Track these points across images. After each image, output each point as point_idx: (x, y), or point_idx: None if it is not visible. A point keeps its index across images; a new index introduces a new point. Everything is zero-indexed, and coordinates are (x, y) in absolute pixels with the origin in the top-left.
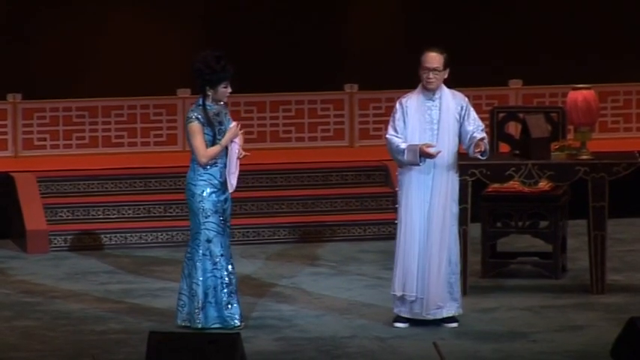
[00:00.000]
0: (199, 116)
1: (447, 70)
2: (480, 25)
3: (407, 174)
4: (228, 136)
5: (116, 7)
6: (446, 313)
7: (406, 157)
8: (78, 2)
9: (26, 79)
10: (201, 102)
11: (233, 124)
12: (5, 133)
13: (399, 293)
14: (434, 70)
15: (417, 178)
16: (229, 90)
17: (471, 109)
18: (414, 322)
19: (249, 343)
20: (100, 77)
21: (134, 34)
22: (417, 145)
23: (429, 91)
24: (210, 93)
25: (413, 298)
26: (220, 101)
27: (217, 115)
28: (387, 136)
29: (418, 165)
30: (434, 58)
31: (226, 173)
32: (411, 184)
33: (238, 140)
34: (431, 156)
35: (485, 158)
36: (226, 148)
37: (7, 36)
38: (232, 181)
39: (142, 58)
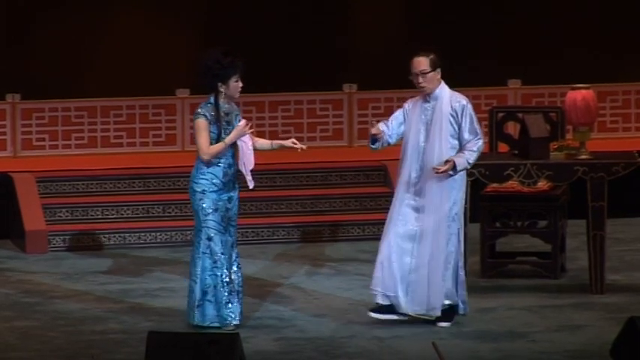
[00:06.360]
0: (207, 114)
1: (438, 71)
2: (479, 25)
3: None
4: (233, 134)
5: (116, 8)
6: (428, 310)
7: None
8: (78, 2)
9: (25, 79)
10: (212, 100)
11: (242, 122)
12: (4, 134)
13: None
14: (421, 73)
15: (409, 177)
16: (241, 84)
17: (470, 115)
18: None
19: (248, 343)
20: (99, 77)
21: (133, 34)
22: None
23: (426, 94)
24: (222, 89)
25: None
26: (234, 97)
27: (227, 114)
28: None
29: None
30: (419, 62)
31: (244, 172)
32: (402, 183)
33: (247, 139)
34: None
35: (454, 174)
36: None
37: (6, 36)
38: (249, 177)
39: (141, 58)
